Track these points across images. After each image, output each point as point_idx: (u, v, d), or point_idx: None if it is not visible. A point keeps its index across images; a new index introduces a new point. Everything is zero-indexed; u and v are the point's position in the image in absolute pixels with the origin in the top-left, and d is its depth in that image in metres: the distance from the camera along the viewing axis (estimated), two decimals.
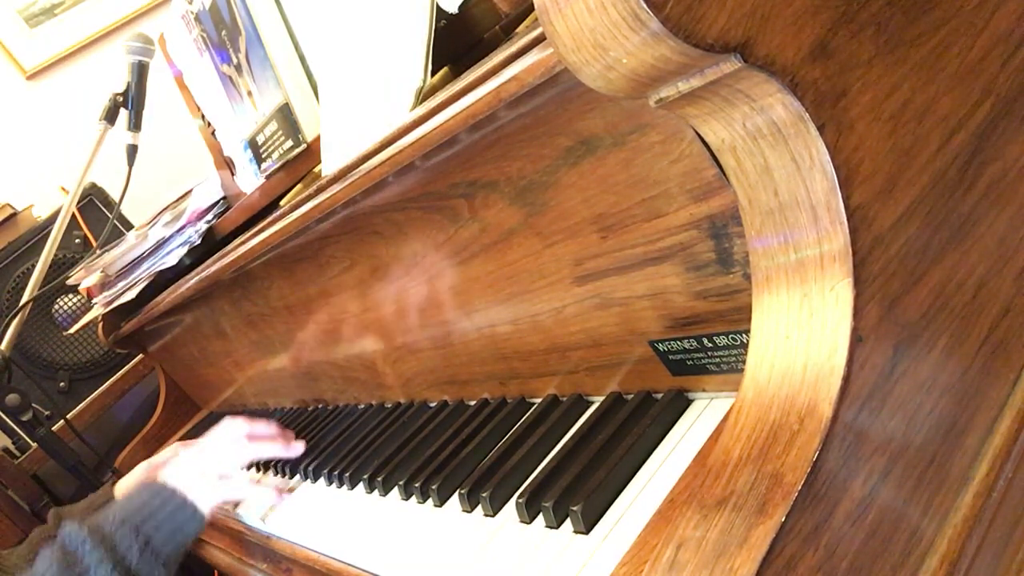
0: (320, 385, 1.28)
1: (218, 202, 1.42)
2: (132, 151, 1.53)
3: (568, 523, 0.63)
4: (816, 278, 0.45)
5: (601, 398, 0.77)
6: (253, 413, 1.58)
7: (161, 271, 1.38)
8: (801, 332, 0.45)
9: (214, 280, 1.18)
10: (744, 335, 0.60)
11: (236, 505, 1.13)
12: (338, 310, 1.06)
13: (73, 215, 2.04)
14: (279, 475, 1.17)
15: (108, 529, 0.92)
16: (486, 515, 0.72)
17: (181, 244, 1.35)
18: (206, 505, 0.99)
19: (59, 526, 1.25)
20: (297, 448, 1.11)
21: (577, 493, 0.64)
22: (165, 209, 1.51)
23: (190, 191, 1.45)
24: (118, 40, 2.51)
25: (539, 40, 0.55)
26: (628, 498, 0.62)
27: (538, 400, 0.84)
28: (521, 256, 0.72)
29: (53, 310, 2.14)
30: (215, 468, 1.04)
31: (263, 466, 1.23)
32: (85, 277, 1.59)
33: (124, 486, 1.35)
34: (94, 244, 2.07)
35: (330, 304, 1.06)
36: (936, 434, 0.47)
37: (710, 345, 0.63)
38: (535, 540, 0.65)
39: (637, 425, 0.67)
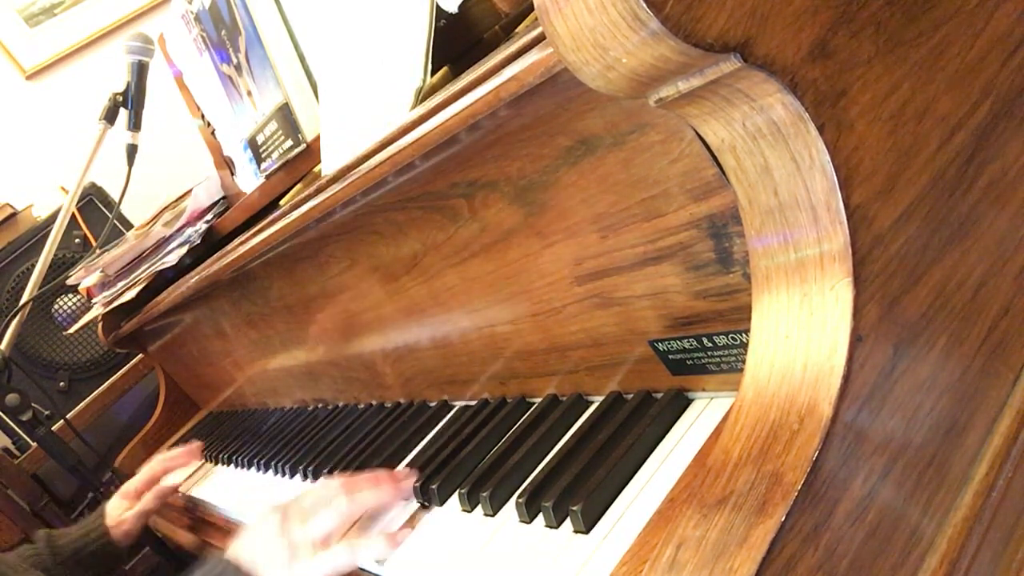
0: (320, 385, 1.28)
1: (218, 202, 1.42)
2: (132, 151, 1.53)
3: (568, 523, 0.63)
4: (816, 278, 0.45)
5: (601, 398, 0.77)
6: (253, 413, 1.58)
7: (161, 271, 1.38)
8: (801, 332, 0.45)
9: (214, 280, 1.18)
10: (744, 335, 0.60)
11: None
12: (338, 310, 1.06)
13: (73, 215, 2.05)
14: (280, 475, 1.17)
15: None
16: (486, 515, 0.72)
17: (181, 244, 1.35)
18: None
19: (48, 549, 1.25)
20: (407, 486, 0.82)
21: (577, 493, 0.64)
22: (165, 209, 1.51)
23: (190, 191, 1.45)
24: (118, 40, 2.52)
25: (539, 40, 0.55)
26: (628, 498, 0.62)
27: (538, 400, 0.84)
28: (521, 256, 0.72)
29: (53, 310, 2.14)
30: (307, 535, 0.77)
31: (257, 464, 1.23)
32: (85, 277, 1.60)
33: (110, 513, 1.32)
34: (94, 244, 2.07)
35: (330, 304, 1.06)
36: (936, 434, 0.47)
37: (710, 345, 0.63)
38: (535, 540, 0.65)
39: (637, 425, 0.67)
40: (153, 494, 1.33)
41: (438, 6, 0.81)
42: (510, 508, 0.70)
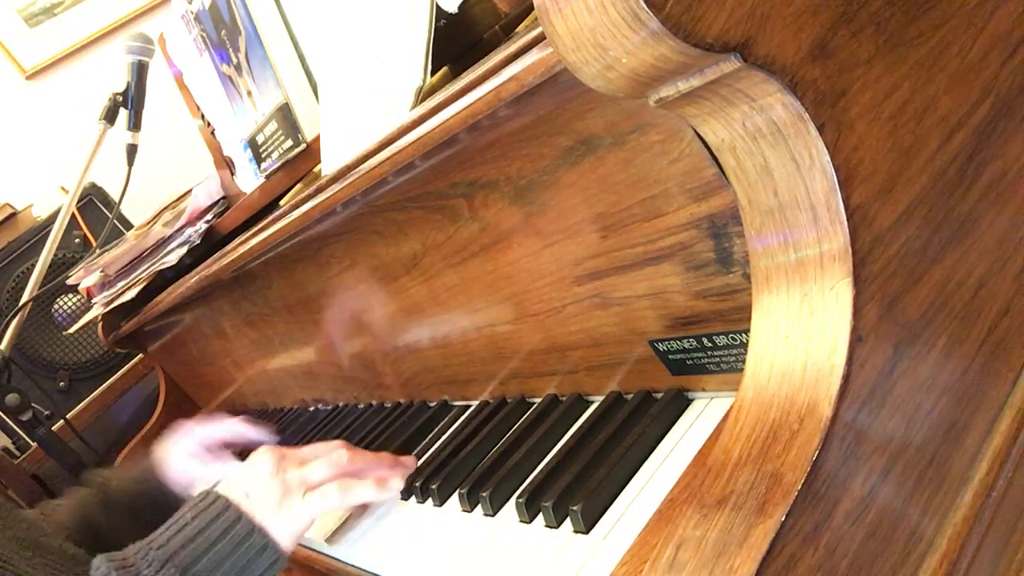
0: (320, 385, 1.28)
1: (218, 202, 1.42)
2: (132, 151, 1.53)
3: (568, 523, 0.63)
4: (816, 278, 0.45)
5: (601, 398, 0.77)
6: (253, 413, 1.58)
7: (161, 271, 1.38)
8: (801, 332, 0.45)
9: (214, 280, 1.18)
10: (744, 335, 0.60)
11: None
12: (338, 310, 1.06)
13: (73, 215, 2.05)
14: None
15: (147, 571, 0.70)
16: (486, 515, 0.72)
17: (181, 244, 1.35)
18: (288, 533, 0.74)
19: (101, 487, 1.11)
20: (408, 463, 0.83)
21: (577, 493, 0.64)
22: (165, 209, 1.51)
23: (190, 191, 1.44)
24: (118, 40, 2.52)
25: (539, 40, 0.55)
26: (628, 498, 0.62)
27: (538, 400, 0.84)
28: (521, 256, 0.72)
29: (53, 310, 2.14)
30: (301, 477, 0.77)
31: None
32: (85, 277, 1.59)
33: (167, 456, 1.08)
34: (94, 244, 2.07)
35: (330, 304, 1.06)
36: (936, 434, 0.47)
37: (710, 345, 0.63)
38: (535, 540, 0.65)
39: (637, 425, 0.67)
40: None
41: (438, 6, 0.81)
42: (510, 508, 0.70)
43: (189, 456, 1.05)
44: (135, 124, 1.52)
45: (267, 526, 0.74)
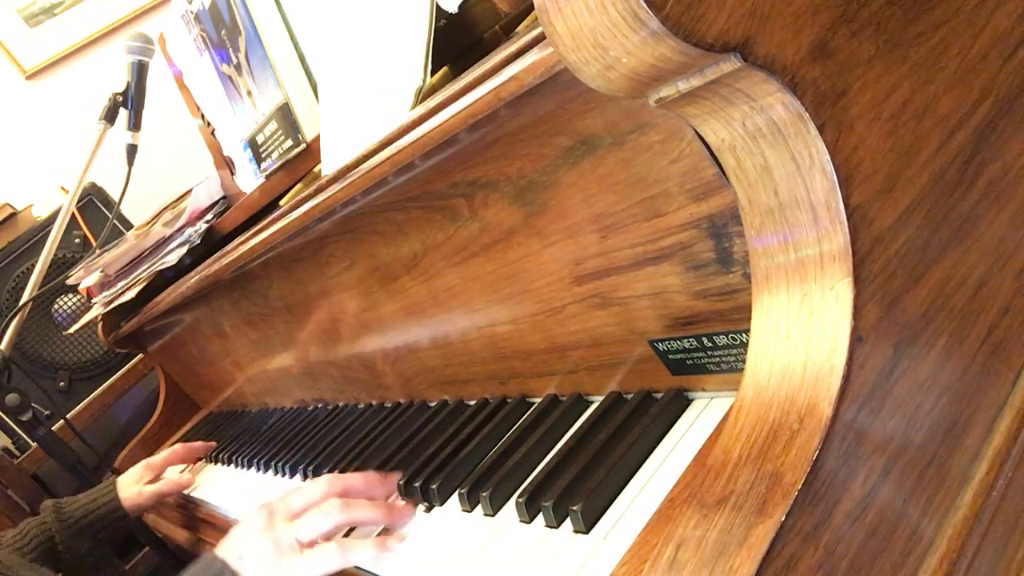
0: (320, 385, 1.28)
1: (218, 202, 1.42)
2: (132, 151, 1.53)
3: (568, 522, 0.63)
4: (816, 277, 0.45)
5: (601, 398, 0.77)
6: (253, 413, 1.58)
7: (161, 271, 1.38)
8: (801, 331, 0.45)
9: (214, 280, 1.18)
10: (744, 334, 0.60)
11: None
12: (338, 310, 1.06)
13: (73, 215, 2.05)
14: (280, 475, 1.17)
15: None
16: (486, 515, 0.72)
17: (181, 244, 1.35)
18: None
19: (55, 516, 1.26)
20: (404, 518, 0.80)
21: (577, 493, 0.64)
22: (165, 209, 1.51)
23: (190, 191, 1.45)
24: (118, 40, 2.52)
25: (539, 40, 0.55)
26: (628, 498, 0.62)
27: (538, 400, 0.84)
28: (521, 256, 0.72)
29: (53, 310, 2.14)
30: (294, 537, 0.76)
31: (257, 464, 1.23)
32: (85, 277, 1.60)
33: (123, 484, 1.36)
34: (94, 244, 2.07)
35: (330, 304, 1.06)
36: (936, 434, 0.47)
37: (710, 344, 0.63)
38: (535, 540, 0.65)
39: (637, 425, 0.67)
40: (173, 482, 1.37)
41: (438, 6, 0.81)
42: (510, 508, 0.70)
43: (136, 481, 1.34)
44: (135, 124, 1.52)
45: None
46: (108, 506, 1.32)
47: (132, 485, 1.36)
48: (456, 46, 0.86)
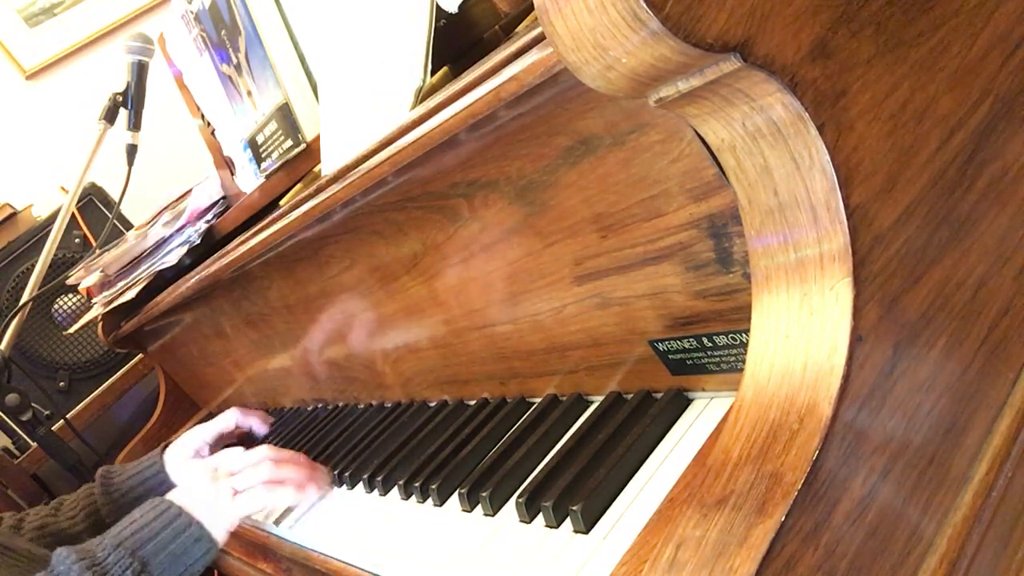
0: (320, 385, 1.28)
1: (218, 202, 1.42)
2: (132, 151, 1.53)
3: (568, 523, 0.63)
4: (816, 277, 0.45)
5: (601, 398, 0.77)
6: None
7: (161, 271, 1.38)
8: (801, 331, 0.45)
9: (214, 280, 1.18)
10: (744, 334, 0.60)
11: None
12: (338, 310, 1.06)
13: (73, 215, 2.05)
14: None
15: (101, 554, 0.86)
16: (486, 515, 0.72)
17: (181, 244, 1.35)
18: (221, 527, 0.93)
19: (103, 488, 1.23)
20: (324, 480, 1.01)
21: (577, 493, 0.64)
22: (165, 209, 1.51)
23: (190, 191, 1.45)
24: (118, 40, 2.52)
25: (539, 40, 0.55)
26: (628, 498, 0.62)
27: (538, 400, 0.84)
28: (521, 256, 0.72)
29: (53, 310, 2.14)
30: (231, 487, 0.95)
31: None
32: (85, 277, 1.59)
33: (171, 456, 1.28)
34: (94, 244, 2.07)
35: (330, 304, 1.06)
36: (936, 434, 0.47)
37: (710, 344, 0.63)
38: (535, 540, 0.65)
39: (637, 425, 0.67)
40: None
41: (438, 6, 0.81)
42: (510, 508, 0.70)
43: (186, 459, 1.26)
44: (135, 124, 1.52)
45: (203, 521, 0.92)
46: (154, 479, 1.26)
47: (182, 460, 1.27)
48: (456, 46, 0.86)
